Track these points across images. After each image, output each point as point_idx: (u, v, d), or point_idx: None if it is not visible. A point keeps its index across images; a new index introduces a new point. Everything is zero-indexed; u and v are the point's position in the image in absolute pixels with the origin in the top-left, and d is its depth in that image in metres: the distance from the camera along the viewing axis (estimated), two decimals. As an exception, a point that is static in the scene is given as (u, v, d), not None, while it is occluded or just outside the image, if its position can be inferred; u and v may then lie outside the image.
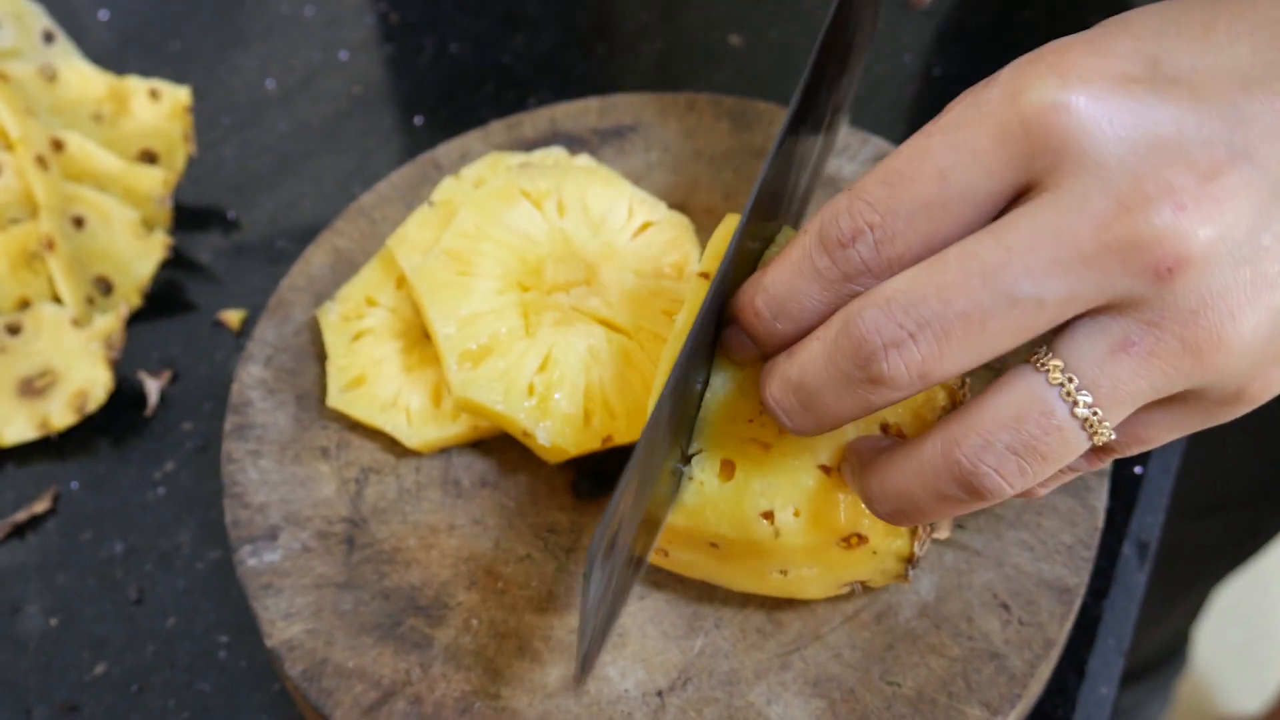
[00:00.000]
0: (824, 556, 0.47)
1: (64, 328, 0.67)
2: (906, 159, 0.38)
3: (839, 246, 0.39)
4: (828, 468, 0.46)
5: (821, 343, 0.40)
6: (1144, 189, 0.35)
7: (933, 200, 0.38)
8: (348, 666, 0.51)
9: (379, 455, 0.58)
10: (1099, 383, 0.37)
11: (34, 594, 0.62)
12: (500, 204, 0.59)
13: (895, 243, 0.38)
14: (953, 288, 0.37)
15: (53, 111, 0.74)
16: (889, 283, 0.38)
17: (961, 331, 0.37)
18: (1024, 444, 0.38)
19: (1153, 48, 0.37)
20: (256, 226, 0.76)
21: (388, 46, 0.87)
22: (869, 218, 0.38)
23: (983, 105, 0.37)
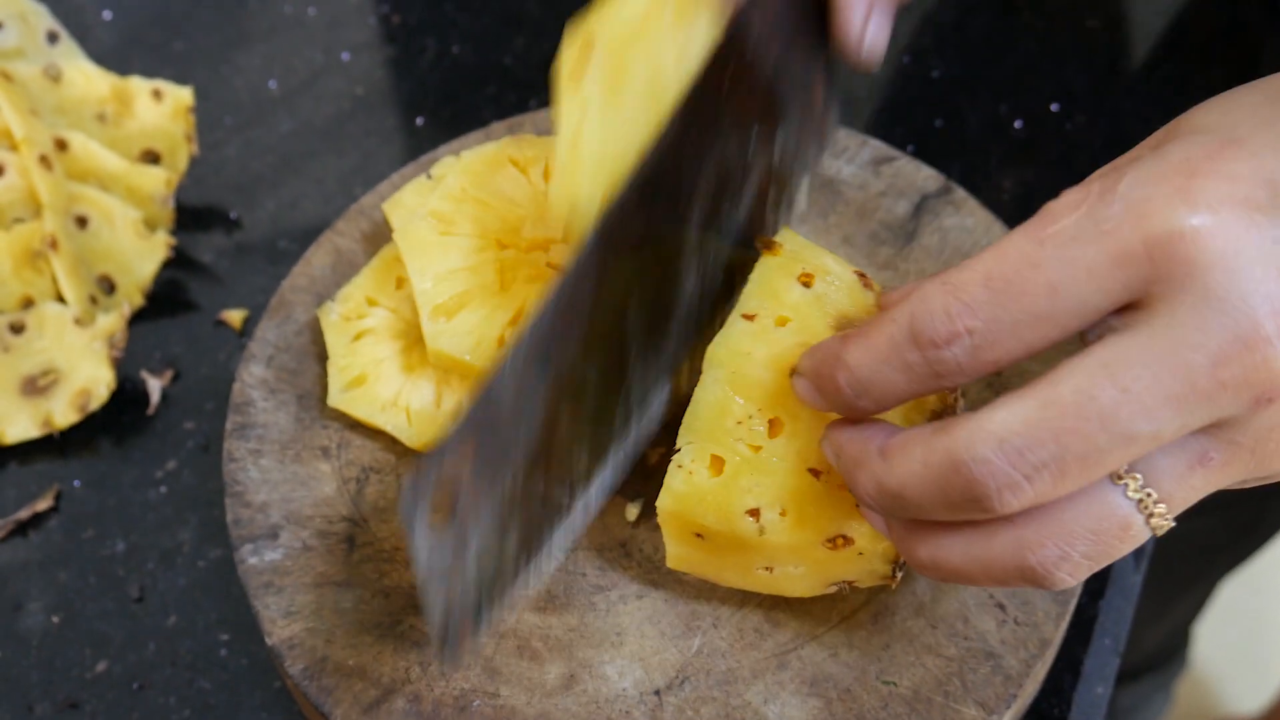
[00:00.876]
0: (809, 556, 0.47)
1: (67, 327, 0.68)
2: (1014, 267, 0.38)
3: (933, 347, 0.39)
4: (817, 471, 0.46)
5: (925, 468, 0.39)
6: (1264, 328, 0.36)
7: (1040, 313, 0.38)
8: (348, 665, 0.51)
9: (379, 455, 0.58)
10: (1175, 494, 0.38)
11: (36, 591, 0.63)
12: (487, 169, 0.59)
13: (995, 349, 0.39)
14: (1071, 432, 0.37)
15: (57, 111, 0.74)
16: (998, 417, 0.38)
17: (1077, 470, 0.37)
18: (1099, 551, 0.39)
19: (1270, 168, 0.37)
20: (258, 226, 0.77)
21: (390, 48, 0.87)
22: (969, 323, 0.38)
23: (1102, 222, 0.37)
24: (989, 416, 0.38)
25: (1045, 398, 0.37)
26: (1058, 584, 0.40)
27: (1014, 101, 0.80)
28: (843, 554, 0.47)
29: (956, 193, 0.65)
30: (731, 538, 0.48)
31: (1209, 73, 0.82)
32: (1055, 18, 0.85)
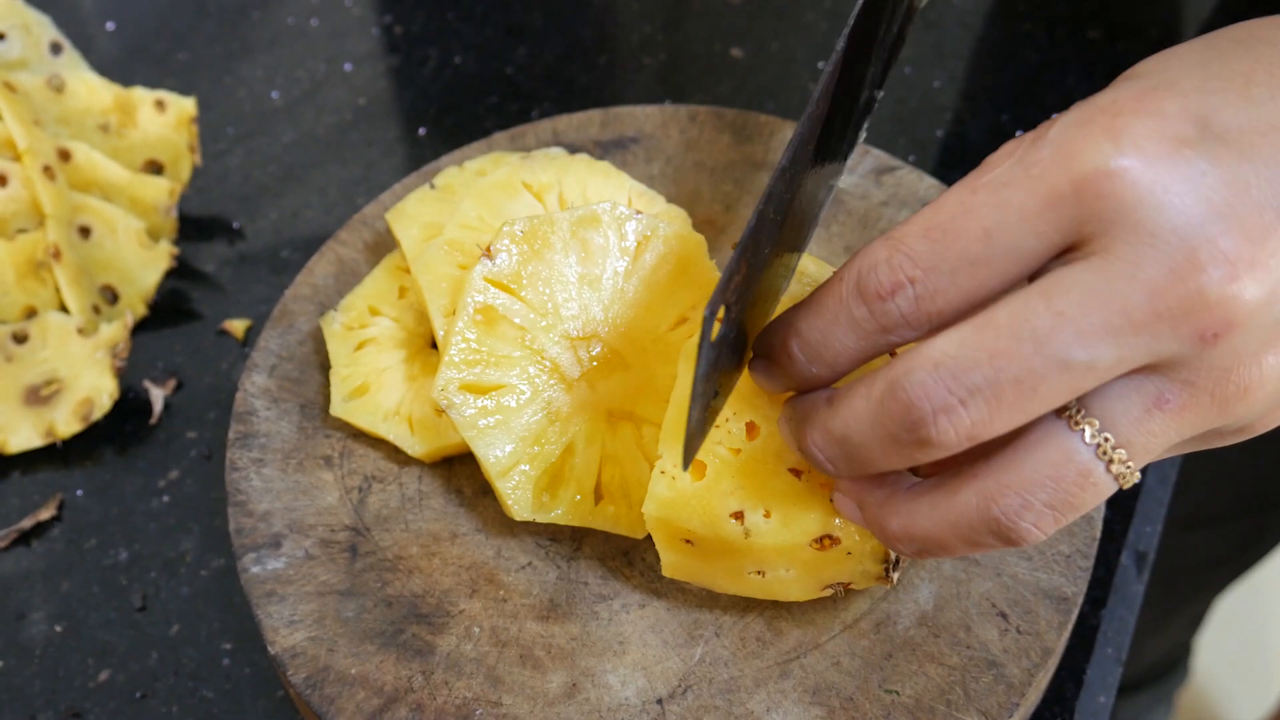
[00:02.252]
0: (798, 558, 0.48)
1: (70, 336, 0.68)
2: (949, 215, 0.38)
3: (878, 299, 0.39)
4: (798, 470, 0.47)
5: (866, 401, 0.40)
6: (1197, 257, 0.36)
7: (977, 258, 0.38)
8: (350, 674, 0.51)
9: (382, 464, 0.58)
10: (1133, 439, 0.38)
11: (39, 601, 0.63)
12: (502, 196, 0.59)
13: (936, 298, 0.39)
14: (1004, 354, 0.37)
15: (60, 122, 0.74)
16: (935, 343, 0.38)
17: (1013, 396, 0.37)
18: (1061, 500, 0.39)
19: (1199, 105, 0.37)
20: (261, 236, 0.77)
21: (392, 58, 0.87)
22: (910, 272, 0.38)
23: (1031, 166, 0.37)
24: (928, 344, 0.38)
25: (981, 321, 0.37)
26: (1025, 536, 0.39)
27: (1015, 111, 0.81)
28: (831, 554, 0.47)
29: (958, 203, 0.65)
30: (719, 542, 0.48)
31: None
32: (1056, 28, 0.86)
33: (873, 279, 0.39)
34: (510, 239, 0.54)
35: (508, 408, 0.54)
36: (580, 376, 0.55)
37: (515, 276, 0.54)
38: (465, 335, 0.54)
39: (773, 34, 0.87)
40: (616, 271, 0.56)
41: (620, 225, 0.56)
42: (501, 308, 0.54)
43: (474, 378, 0.53)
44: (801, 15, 0.88)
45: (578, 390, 0.55)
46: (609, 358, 0.55)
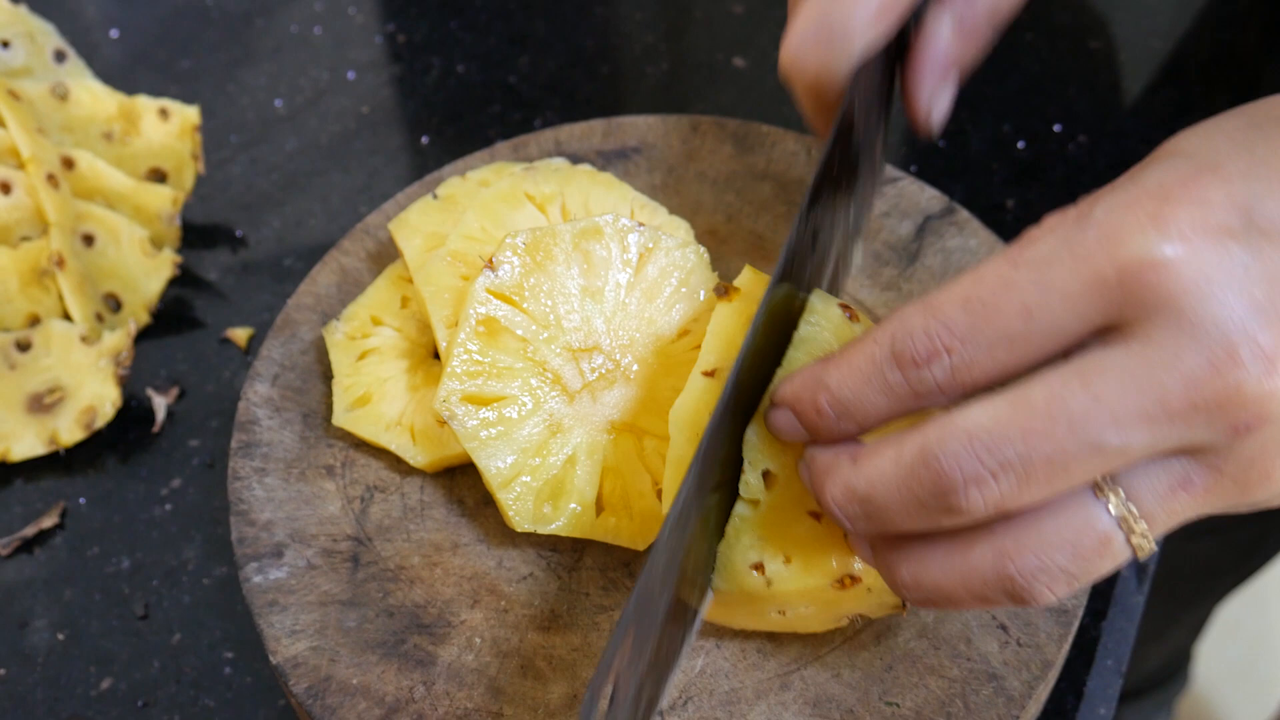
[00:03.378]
0: (819, 597, 0.47)
1: (73, 344, 0.68)
2: (990, 289, 0.38)
3: (913, 366, 0.39)
4: (818, 514, 0.46)
5: (895, 465, 0.40)
6: (1237, 352, 0.36)
7: (1016, 334, 0.38)
8: (351, 684, 0.51)
9: (384, 474, 0.58)
10: (1156, 514, 0.38)
11: (41, 609, 0.63)
12: (505, 207, 0.59)
13: (973, 369, 0.39)
14: (1039, 433, 0.37)
15: (64, 130, 0.74)
16: (970, 414, 0.38)
17: (1044, 473, 0.37)
18: (1078, 566, 0.39)
19: (1244, 194, 0.37)
20: (264, 245, 0.77)
21: (395, 66, 0.88)
22: (947, 342, 0.39)
23: (1075, 246, 0.37)
24: (961, 414, 0.38)
25: (1017, 397, 0.38)
26: (1038, 598, 0.40)
27: (1017, 122, 0.81)
28: (852, 592, 0.47)
29: (959, 213, 0.65)
30: (740, 594, 0.48)
31: (1210, 95, 0.82)
32: (1058, 39, 0.86)
33: (909, 346, 0.39)
34: (513, 251, 0.55)
35: (509, 419, 0.54)
36: (582, 388, 0.55)
37: (517, 288, 0.55)
38: (467, 347, 0.54)
39: (775, 44, 0.87)
40: (619, 284, 0.56)
41: (622, 237, 0.56)
42: (504, 319, 0.54)
43: (476, 389, 0.53)
44: (804, 25, 0.89)
45: (580, 402, 0.55)
46: (611, 370, 0.55)
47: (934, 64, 0.54)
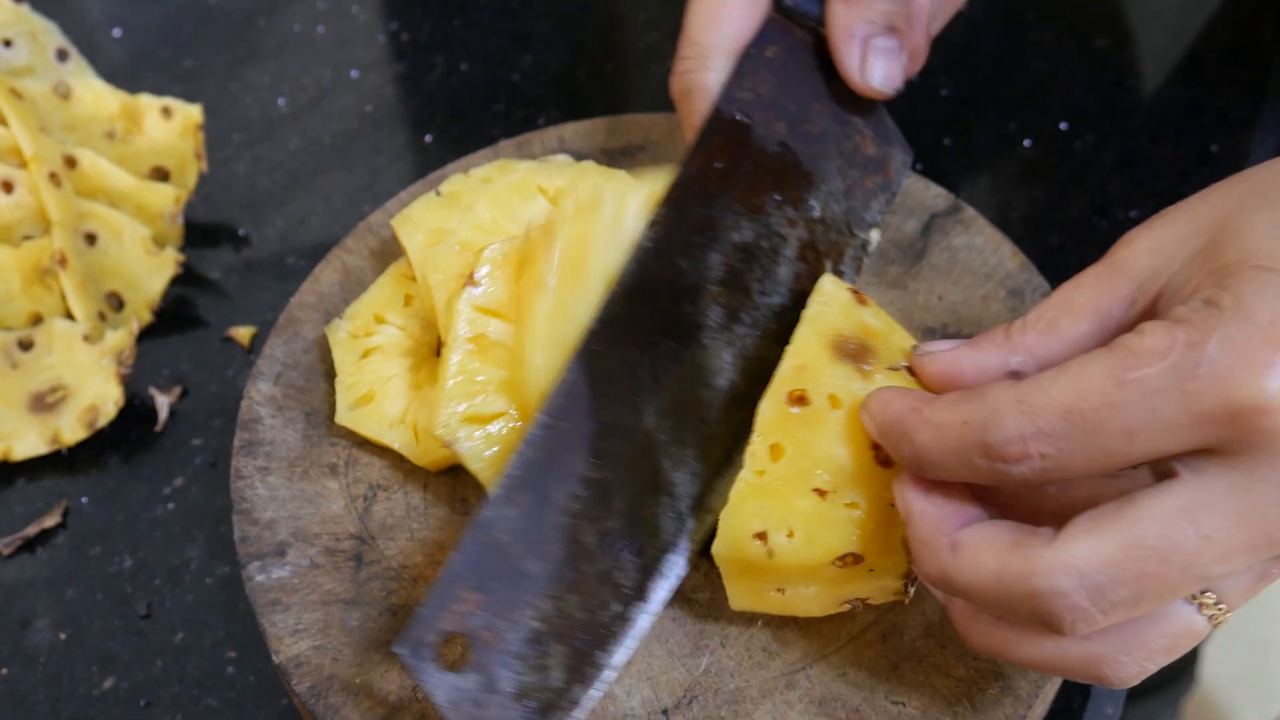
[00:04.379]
0: (820, 576, 0.47)
1: (76, 343, 0.68)
2: (1094, 405, 0.38)
3: (1002, 461, 0.40)
4: (823, 491, 0.46)
5: (997, 582, 0.40)
6: None
7: (1114, 451, 0.39)
8: (354, 683, 0.51)
9: (387, 472, 0.58)
10: (1237, 603, 0.41)
11: (44, 608, 0.63)
12: (517, 198, 0.59)
13: (1062, 472, 0.40)
14: (1151, 576, 0.38)
15: (66, 129, 0.74)
16: (1079, 550, 0.39)
17: (1150, 604, 0.39)
18: (1166, 657, 0.42)
19: None
20: (267, 243, 0.77)
21: (398, 65, 0.87)
22: (1043, 449, 0.39)
23: (1186, 379, 0.37)
24: (1069, 549, 0.39)
25: (1129, 539, 0.38)
26: (1128, 684, 0.42)
27: (1023, 120, 0.81)
28: (854, 571, 0.47)
29: (965, 211, 0.65)
30: (740, 562, 0.48)
31: (1218, 93, 0.82)
32: (1064, 36, 0.86)
33: (1002, 445, 0.40)
34: (491, 264, 0.54)
35: (513, 433, 0.53)
36: None
37: (502, 300, 0.54)
38: (462, 367, 0.53)
39: (780, 41, 0.87)
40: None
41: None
42: (493, 333, 0.54)
43: (475, 409, 0.53)
44: (808, 22, 0.88)
45: None
46: None
47: (840, 35, 0.56)
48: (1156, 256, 0.42)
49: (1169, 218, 0.43)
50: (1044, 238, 0.74)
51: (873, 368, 0.48)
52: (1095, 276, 0.43)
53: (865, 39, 0.56)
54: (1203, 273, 0.40)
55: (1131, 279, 0.42)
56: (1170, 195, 0.76)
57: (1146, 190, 0.76)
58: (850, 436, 0.47)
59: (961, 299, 0.62)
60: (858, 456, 0.46)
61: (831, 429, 0.47)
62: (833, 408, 0.47)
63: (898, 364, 0.48)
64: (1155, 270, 0.42)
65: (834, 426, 0.47)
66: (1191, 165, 0.78)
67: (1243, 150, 0.79)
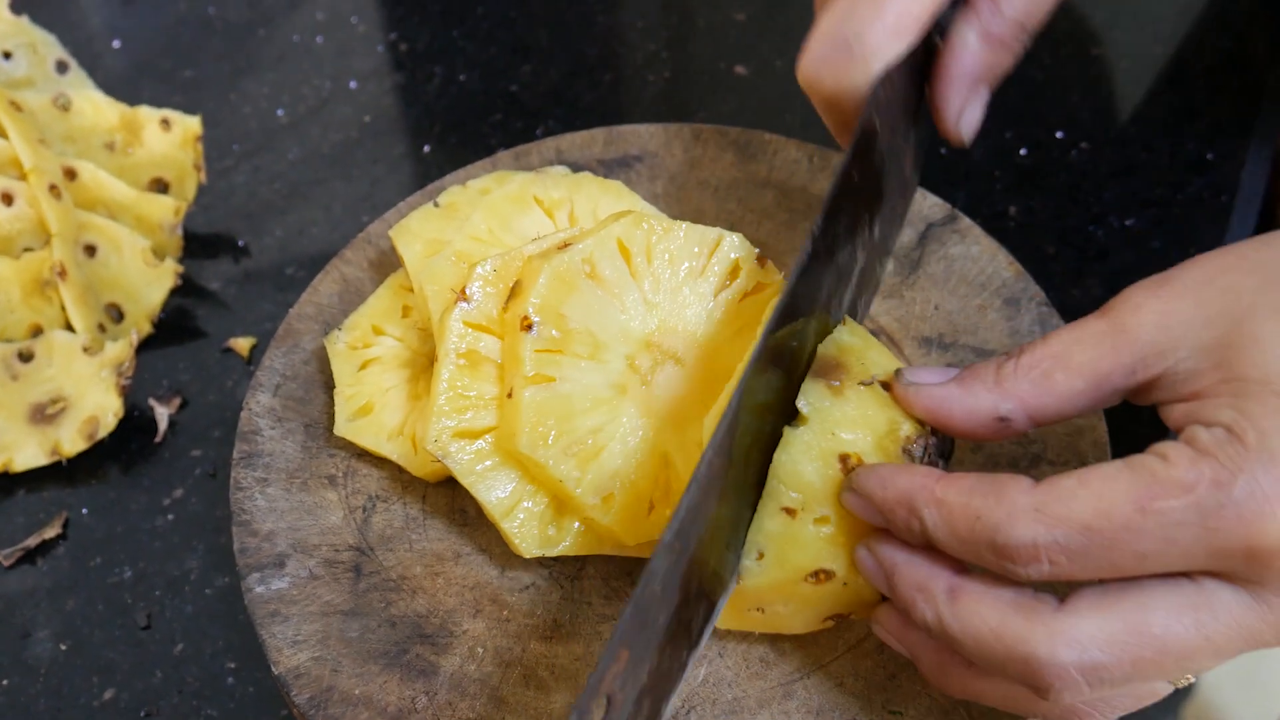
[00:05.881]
0: (794, 594, 0.47)
1: (75, 355, 0.68)
2: (1114, 527, 0.39)
3: (1010, 560, 0.40)
4: (791, 510, 0.46)
5: (995, 639, 0.41)
6: None
7: (1125, 568, 0.40)
8: (354, 694, 0.51)
9: (386, 483, 0.58)
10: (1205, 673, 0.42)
11: (44, 619, 0.63)
12: (513, 209, 0.59)
13: (1070, 577, 0.40)
14: (1149, 663, 0.40)
15: (66, 140, 0.74)
16: (1083, 626, 0.40)
17: (1138, 685, 0.41)
18: (1133, 709, 0.43)
19: None
20: (266, 254, 0.77)
21: (397, 75, 0.88)
22: (1055, 558, 0.40)
23: (1208, 518, 0.38)
24: (1075, 623, 0.40)
25: (1133, 624, 0.40)
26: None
27: (1019, 129, 0.81)
28: (826, 588, 0.47)
29: (961, 221, 0.65)
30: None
31: (1212, 101, 0.82)
32: (1060, 46, 0.86)
33: (1013, 548, 0.40)
34: (484, 281, 0.54)
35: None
36: None
37: (493, 317, 0.54)
38: (453, 383, 0.53)
39: (777, 52, 0.87)
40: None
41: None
42: (484, 349, 0.54)
43: (465, 424, 0.53)
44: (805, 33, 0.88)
45: None
46: None
47: (961, 76, 0.54)
48: (1163, 333, 0.42)
49: (1177, 291, 0.42)
50: (1040, 247, 0.74)
51: (841, 384, 0.47)
52: (1096, 337, 0.43)
53: (976, 86, 0.55)
54: (1216, 376, 0.41)
55: (1135, 351, 0.42)
56: (1165, 204, 0.76)
57: (1142, 199, 0.77)
58: (819, 454, 0.46)
59: (958, 308, 0.62)
60: (825, 471, 0.46)
61: (797, 448, 0.46)
62: (798, 423, 0.47)
63: (869, 378, 0.47)
64: (1160, 349, 0.42)
65: (799, 445, 0.46)
66: (1186, 174, 0.78)
67: (1237, 158, 0.79)
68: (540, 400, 0.52)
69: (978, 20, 0.54)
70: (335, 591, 0.54)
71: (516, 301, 0.53)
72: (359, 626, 0.53)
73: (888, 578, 0.44)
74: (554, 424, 0.52)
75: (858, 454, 0.46)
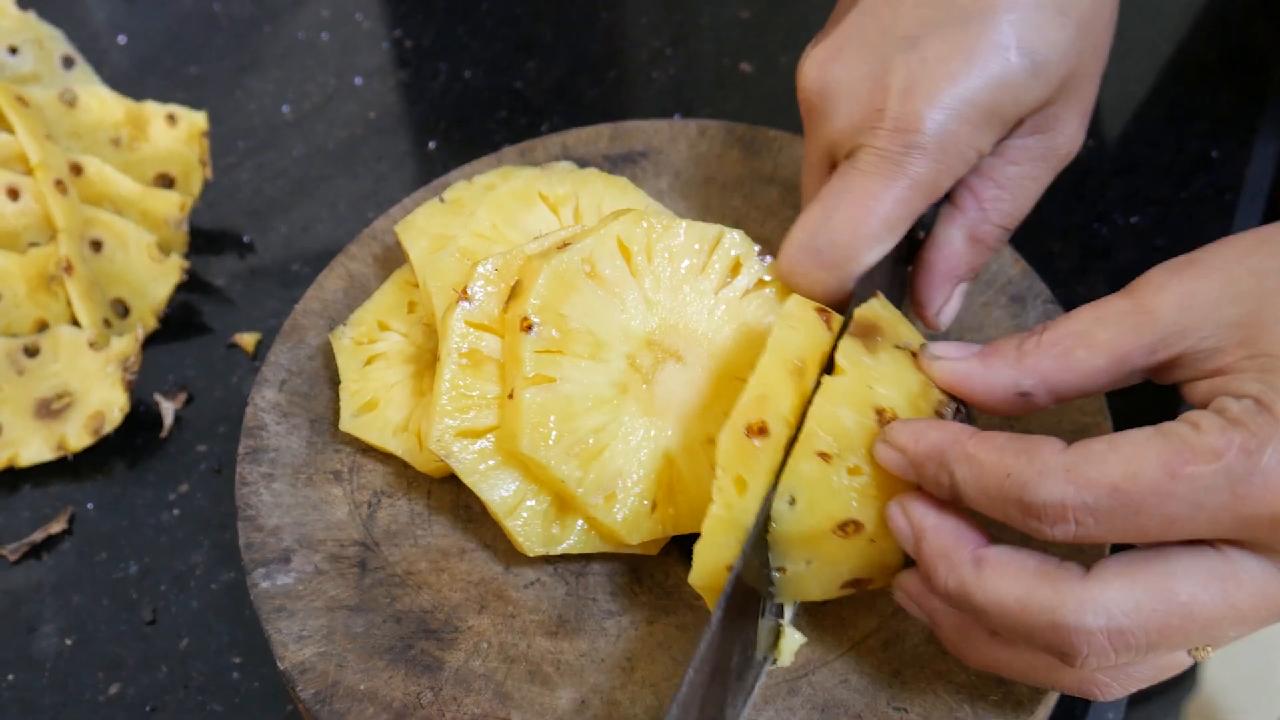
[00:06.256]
0: (821, 547, 0.47)
1: (81, 350, 0.68)
2: (1143, 491, 0.39)
3: (1037, 519, 0.41)
4: (826, 455, 0.46)
5: (1021, 607, 0.42)
6: None
7: (1150, 532, 0.40)
8: (359, 689, 0.51)
9: (391, 479, 0.58)
10: (1224, 645, 0.43)
11: (50, 614, 0.63)
12: (518, 205, 0.59)
13: (1092, 539, 0.41)
14: (1175, 630, 0.40)
15: (72, 136, 0.74)
16: (1109, 593, 0.40)
17: (1163, 652, 0.41)
18: (1150, 685, 0.44)
19: None
20: (271, 250, 0.77)
21: (402, 72, 0.88)
22: (1082, 518, 0.40)
23: (1237, 486, 0.39)
24: (1101, 590, 0.40)
25: (1160, 592, 0.40)
26: (1109, 700, 0.44)
27: (1023, 126, 0.81)
28: (854, 542, 0.47)
29: (966, 218, 0.65)
30: (719, 590, 0.47)
31: (1217, 97, 0.82)
32: (1064, 43, 0.86)
33: (1041, 506, 0.41)
34: (485, 280, 0.54)
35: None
36: None
37: (494, 316, 0.54)
38: (455, 382, 0.54)
39: (781, 48, 0.87)
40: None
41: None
42: (486, 349, 0.54)
43: (468, 423, 0.53)
44: (810, 29, 0.88)
45: None
46: None
47: (945, 274, 0.56)
48: (1185, 313, 0.42)
49: (1201, 272, 0.43)
50: (1045, 244, 0.74)
51: (878, 344, 0.48)
52: (1118, 315, 0.43)
53: (958, 283, 0.56)
54: (1241, 353, 0.41)
55: (1157, 330, 0.42)
56: (1170, 201, 0.76)
57: (1146, 196, 0.77)
58: (857, 403, 0.46)
59: (963, 305, 0.62)
60: (861, 420, 0.46)
61: (836, 395, 0.47)
62: (836, 374, 0.47)
63: (903, 343, 0.48)
64: (1183, 328, 0.42)
65: (838, 393, 0.47)
66: (1192, 170, 0.78)
67: (1243, 155, 0.79)
68: (541, 401, 0.52)
69: (964, 220, 0.55)
70: (340, 587, 0.54)
71: (517, 302, 0.53)
72: (364, 622, 0.53)
73: (915, 540, 0.44)
74: (555, 424, 0.52)
75: (893, 409, 0.46)
